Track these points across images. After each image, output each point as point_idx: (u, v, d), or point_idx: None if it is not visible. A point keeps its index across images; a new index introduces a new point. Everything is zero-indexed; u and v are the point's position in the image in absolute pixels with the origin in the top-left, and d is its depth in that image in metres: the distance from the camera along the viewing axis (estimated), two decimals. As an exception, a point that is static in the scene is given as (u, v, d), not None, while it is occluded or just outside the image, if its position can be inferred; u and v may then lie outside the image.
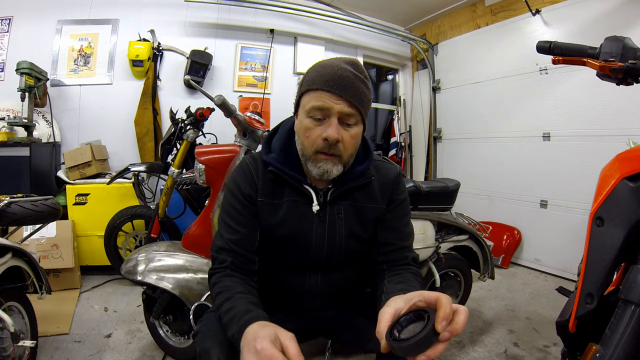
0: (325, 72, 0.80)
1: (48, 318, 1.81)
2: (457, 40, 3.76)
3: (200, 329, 0.84)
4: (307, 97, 0.82)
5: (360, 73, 0.82)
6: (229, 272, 0.84)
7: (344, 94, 0.78)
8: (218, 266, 0.86)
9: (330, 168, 0.82)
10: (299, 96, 0.86)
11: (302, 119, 0.83)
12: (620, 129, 2.39)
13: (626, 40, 0.90)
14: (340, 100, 0.78)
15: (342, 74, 0.79)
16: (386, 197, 0.94)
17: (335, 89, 0.78)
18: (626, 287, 0.72)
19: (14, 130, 2.44)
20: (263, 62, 3.49)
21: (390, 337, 0.55)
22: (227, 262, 0.85)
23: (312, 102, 0.79)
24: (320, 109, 0.79)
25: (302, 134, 0.83)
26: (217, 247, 0.88)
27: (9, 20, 2.79)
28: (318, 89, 0.79)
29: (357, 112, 0.81)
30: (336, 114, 0.79)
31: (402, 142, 4.36)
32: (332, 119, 0.79)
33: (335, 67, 0.80)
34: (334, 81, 0.78)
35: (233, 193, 0.90)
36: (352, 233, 0.91)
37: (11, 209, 1.24)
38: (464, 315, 0.55)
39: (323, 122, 0.80)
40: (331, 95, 0.78)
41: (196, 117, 2.21)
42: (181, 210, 2.33)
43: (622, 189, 0.76)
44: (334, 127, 0.78)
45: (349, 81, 0.79)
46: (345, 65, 0.81)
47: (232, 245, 0.86)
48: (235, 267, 0.85)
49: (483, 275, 1.92)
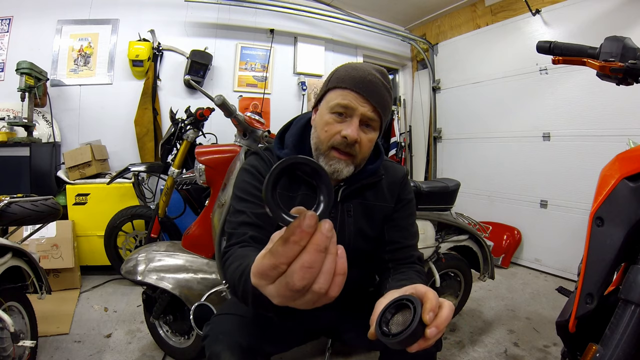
0: (356, 74, 0.82)
1: (48, 318, 1.81)
2: (457, 40, 3.76)
3: (209, 333, 0.83)
4: (333, 94, 0.83)
5: (387, 83, 0.85)
6: (246, 244, 0.78)
7: (371, 98, 0.81)
8: (235, 241, 0.80)
9: (342, 168, 0.84)
10: (325, 91, 0.87)
11: (323, 114, 0.84)
12: (620, 129, 2.39)
13: (626, 40, 0.90)
14: (366, 103, 0.81)
15: (372, 79, 0.81)
16: (394, 196, 0.96)
17: (363, 91, 0.80)
18: (626, 287, 0.72)
19: (14, 130, 2.44)
20: (263, 62, 3.48)
21: (379, 331, 0.55)
22: (246, 235, 0.80)
23: (338, 99, 0.81)
24: (345, 107, 0.81)
25: (321, 128, 0.84)
26: (237, 223, 0.83)
27: (9, 20, 2.79)
28: (347, 88, 0.81)
29: (378, 118, 0.83)
30: (359, 115, 0.81)
31: (402, 142, 4.36)
32: (354, 119, 0.81)
33: (366, 71, 0.82)
34: (363, 84, 0.80)
35: (252, 173, 0.88)
36: (361, 231, 0.93)
37: (11, 209, 1.24)
38: (448, 310, 0.55)
39: (344, 120, 0.82)
40: (358, 96, 0.80)
41: (196, 117, 2.21)
42: (181, 210, 2.33)
43: (622, 189, 0.76)
44: (355, 127, 0.80)
45: (377, 87, 0.82)
46: (374, 72, 0.83)
47: (256, 219, 0.82)
48: (255, 240, 0.79)
49: (483, 275, 1.92)
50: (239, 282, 0.64)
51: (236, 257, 0.74)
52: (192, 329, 1.45)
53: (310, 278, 0.34)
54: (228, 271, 0.73)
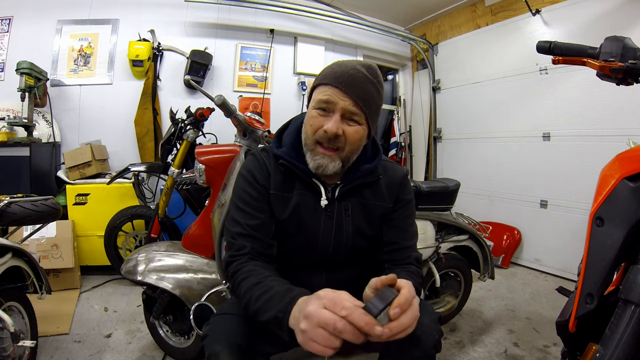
0: (339, 70, 0.83)
1: (48, 318, 1.81)
2: (457, 40, 3.76)
3: (209, 332, 0.82)
4: (317, 91, 0.85)
5: (373, 77, 0.85)
6: (250, 258, 0.84)
7: (351, 92, 0.81)
8: (237, 253, 0.85)
9: (327, 163, 0.85)
10: (312, 90, 0.89)
11: (310, 110, 0.86)
12: (620, 129, 2.39)
13: (626, 40, 0.90)
14: (345, 97, 0.81)
15: (354, 73, 0.82)
16: (393, 196, 0.96)
17: (342, 86, 0.81)
18: (626, 287, 0.72)
19: (14, 130, 2.44)
20: (263, 62, 3.49)
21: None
22: (246, 247, 0.85)
23: (320, 95, 0.83)
24: (326, 102, 0.82)
25: (307, 123, 0.86)
26: (234, 233, 0.87)
27: (9, 20, 2.79)
28: (328, 84, 0.83)
29: (360, 112, 0.83)
30: (340, 109, 0.82)
31: (402, 142, 4.36)
32: (335, 114, 0.82)
33: (349, 67, 0.83)
34: (344, 79, 0.81)
35: (248, 180, 0.91)
36: (359, 230, 0.93)
37: (11, 209, 1.24)
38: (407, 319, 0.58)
39: (327, 115, 0.83)
40: (338, 91, 0.81)
41: (196, 117, 2.21)
42: (181, 210, 2.33)
43: (622, 189, 0.76)
44: (335, 121, 0.82)
45: (359, 81, 0.82)
46: (359, 67, 0.84)
47: (251, 231, 0.86)
48: (256, 252, 0.85)
49: (483, 275, 1.92)
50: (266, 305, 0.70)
51: (249, 272, 0.79)
52: (192, 329, 1.45)
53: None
54: (240, 285, 0.78)
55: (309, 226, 0.90)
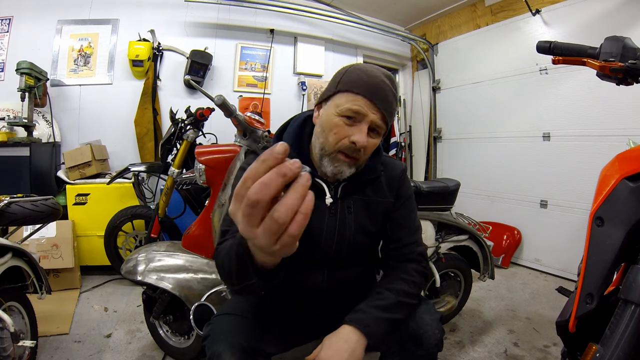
0: (369, 80, 0.82)
1: (48, 318, 1.81)
2: (457, 40, 3.76)
3: (210, 333, 0.83)
4: (344, 97, 0.83)
5: (394, 88, 0.86)
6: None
7: (381, 105, 0.82)
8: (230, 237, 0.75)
9: (345, 170, 0.86)
10: (334, 92, 0.86)
11: (331, 116, 0.84)
12: (620, 129, 2.39)
13: (626, 40, 0.90)
14: (376, 111, 0.82)
15: (383, 86, 0.83)
16: (394, 191, 0.98)
17: (375, 99, 0.81)
18: (626, 287, 0.72)
19: (14, 130, 2.44)
20: (263, 62, 3.48)
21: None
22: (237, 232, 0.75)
23: (350, 104, 0.81)
24: (356, 113, 0.81)
25: (329, 130, 0.84)
26: (230, 221, 0.78)
27: (9, 20, 2.79)
28: (359, 94, 0.81)
29: (385, 126, 0.85)
30: (369, 122, 0.82)
31: (402, 142, 4.36)
32: (362, 125, 0.82)
33: (378, 77, 0.83)
34: (376, 91, 0.81)
35: None
36: (362, 227, 0.94)
37: (11, 209, 1.24)
38: None
39: (353, 124, 0.82)
40: (370, 103, 0.81)
41: (196, 117, 2.21)
42: (181, 210, 2.33)
43: (622, 189, 0.76)
44: (364, 134, 0.81)
45: (387, 95, 0.83)
46: (385, 78, 0.84)
47: None
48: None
49: (483, 275, 1.92)
50: (226, 255, 0.62)
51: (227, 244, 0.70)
52: (192, 329, 1.45)
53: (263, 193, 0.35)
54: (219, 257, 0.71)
55: (312, 225, 0.89)
